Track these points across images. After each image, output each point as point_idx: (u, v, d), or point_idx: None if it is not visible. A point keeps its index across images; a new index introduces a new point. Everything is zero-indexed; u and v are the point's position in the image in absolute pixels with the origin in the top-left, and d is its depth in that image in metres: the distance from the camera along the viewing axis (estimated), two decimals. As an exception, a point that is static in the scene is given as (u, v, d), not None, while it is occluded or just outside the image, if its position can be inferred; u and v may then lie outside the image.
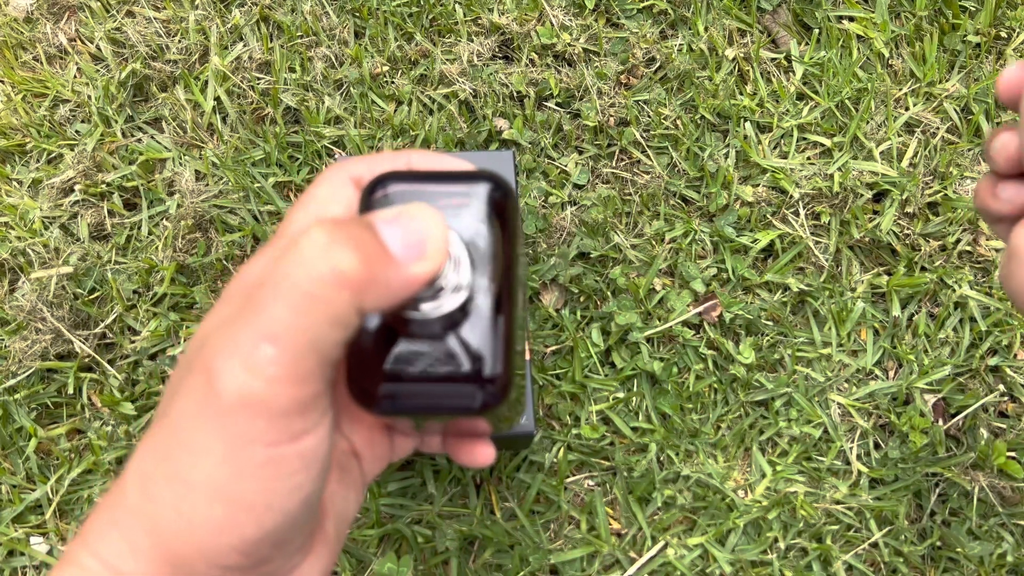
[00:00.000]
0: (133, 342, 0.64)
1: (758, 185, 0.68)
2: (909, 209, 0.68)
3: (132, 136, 0.70)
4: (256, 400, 0.22)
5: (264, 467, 0.23)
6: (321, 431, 0.24)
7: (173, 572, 0.24)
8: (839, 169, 0.69)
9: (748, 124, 0.70)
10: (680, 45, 0.73)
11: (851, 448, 0.63)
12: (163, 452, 0.24)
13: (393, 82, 0.71)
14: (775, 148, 0.70)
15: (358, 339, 0.26)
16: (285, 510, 0.24)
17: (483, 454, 0.33)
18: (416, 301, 0.26)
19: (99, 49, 0.72)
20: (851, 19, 0.74)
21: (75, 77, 0.71)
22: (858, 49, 0.73)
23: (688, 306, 0.65)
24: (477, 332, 0.26)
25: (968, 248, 0.68)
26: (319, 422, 0.24)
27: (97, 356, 0.63)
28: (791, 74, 0.73)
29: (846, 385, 0.65)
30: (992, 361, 0.65)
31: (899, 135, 0.71)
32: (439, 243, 0.24)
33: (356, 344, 0.26)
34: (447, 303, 0.26)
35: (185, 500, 0.23)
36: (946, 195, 0.68)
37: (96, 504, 0.25)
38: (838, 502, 0.61)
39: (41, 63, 0.72)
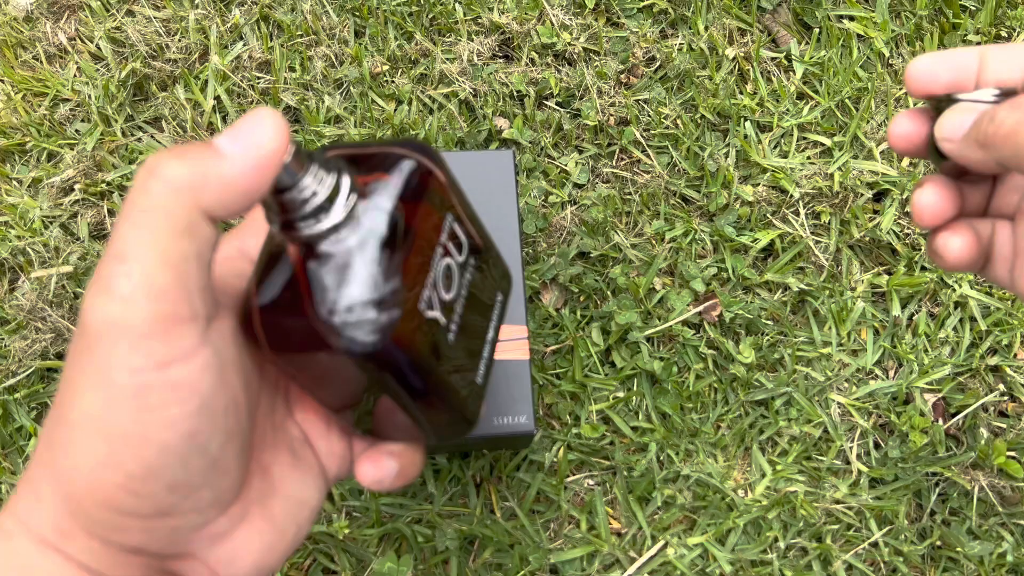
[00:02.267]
0: (133, 341, 0.64)
1: (758, 184, 0.68)
2: (909, 208, 0.68)
3: (132, 135, 0.70)
4: (113, 322, 0.23)
5: (133, 397, 0.23)
6: (194, 364, 0.24)
7: (72, 518, 0.24)
8: (839, 168, 0.69)
9: (748, 123, 0.70)
10: (680, 44, 0.73)
11: (851, 448, 0.63)
12: (55, 400, 0.25)
13: (393, 81, 0.71)
14: (775, 147, 0.70)
15: (271, 303, 0.26)
16: (163, 444, 0.24)
17: (384, 467, 0.32)
18: (297, 223, 0.26)
19: (99, 48, 0.72)
20: (851, 18, 0.74)
21: (75, 76, 0.71)
22: (858, 48, 0.73)
23: (688, 305, 0.65)
24: (375, 263, 0.26)
25: (968, 248, 0.68)
26: (190, 353, 0.24)
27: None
28: (791, 73, 0.73)
29: (846, 384, 0.65)
30: (992, 361, 0.65)
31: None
32: (268, 130, 0.24)
33: (271, 308, 0.26)
34: (332, 215, 0.26)
35: (71, 440, 0.24)
36: (946, 194, 0.68)
37: None
38: (838, 502, 0.61)
39: (41, 62, 0.72)
